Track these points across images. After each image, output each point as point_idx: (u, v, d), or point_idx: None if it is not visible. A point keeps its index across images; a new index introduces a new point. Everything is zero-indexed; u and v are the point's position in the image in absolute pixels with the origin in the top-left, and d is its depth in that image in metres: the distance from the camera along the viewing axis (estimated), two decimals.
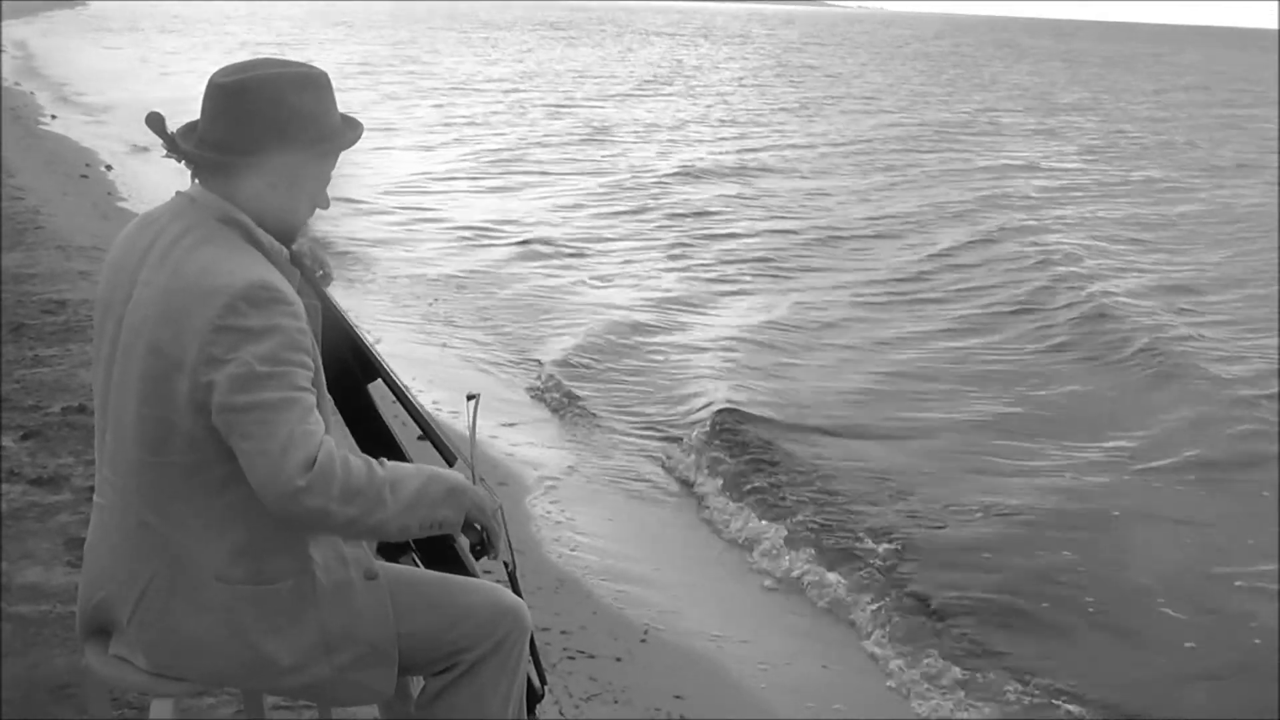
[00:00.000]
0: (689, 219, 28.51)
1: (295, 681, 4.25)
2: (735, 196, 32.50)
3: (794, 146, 44.36)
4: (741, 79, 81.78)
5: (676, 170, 36.61)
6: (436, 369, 15.08)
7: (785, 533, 10.76)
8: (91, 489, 4.28)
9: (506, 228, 26.27)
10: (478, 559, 4.52)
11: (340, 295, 4.93)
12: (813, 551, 10.42)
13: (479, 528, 4.33)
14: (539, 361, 16.08)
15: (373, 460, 4.01)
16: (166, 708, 4.24)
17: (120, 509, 4.08)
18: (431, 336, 16.98)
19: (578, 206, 29.67)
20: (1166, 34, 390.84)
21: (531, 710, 4.89)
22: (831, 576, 9.99)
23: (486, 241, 24.74)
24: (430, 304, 18.96)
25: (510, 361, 16.18)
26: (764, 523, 11.02)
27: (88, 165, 26.64)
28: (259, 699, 5.14)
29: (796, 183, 35.07)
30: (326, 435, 3.89)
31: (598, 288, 21.58)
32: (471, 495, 4.24)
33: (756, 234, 26.99)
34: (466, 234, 25.50)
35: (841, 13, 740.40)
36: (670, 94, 66.80)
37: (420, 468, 4.22)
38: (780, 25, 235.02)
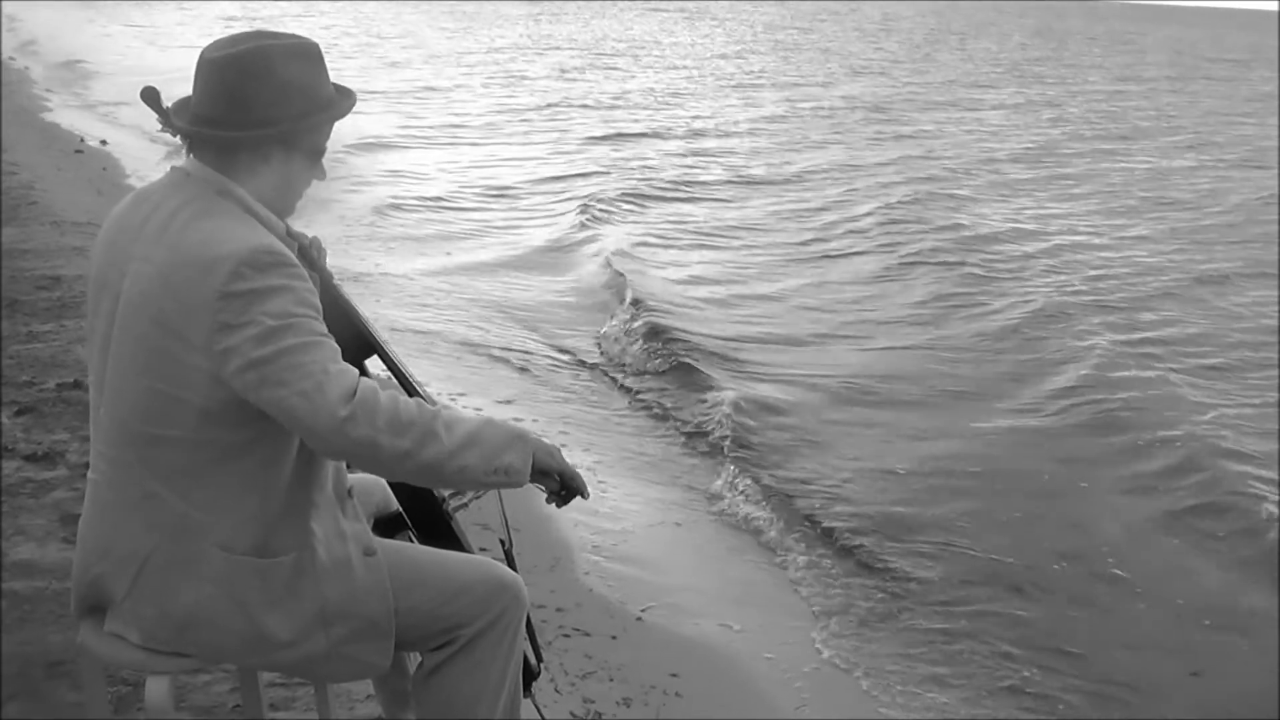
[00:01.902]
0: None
1: (292, 656, 4.25)
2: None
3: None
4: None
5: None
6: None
7: (784, 519, 10.83)
8: (87, 465, 4.27)
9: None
10: (560, 506, 4.45)
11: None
12: (807, 538, 10.48)
13: (556, 475, 4.29)
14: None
15: (418, 400, 4.03)
16: (162, 685, 4.21)
17: (119, 483, 4.07)
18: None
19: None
20: (1158, 14, 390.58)
21: (528, 687, 4.90)
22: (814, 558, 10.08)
23: None
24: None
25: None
26: (763, 508, 11.08)
27: (82, 141, 26.62)
28: (255, 676, 5.15)
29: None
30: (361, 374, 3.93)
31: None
32: (535, 441, 4.21)
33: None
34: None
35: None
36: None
37: (485, 417, 4.23)
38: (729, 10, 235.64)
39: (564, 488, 4.34)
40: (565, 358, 15.55)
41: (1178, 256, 23.78)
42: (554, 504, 4.44)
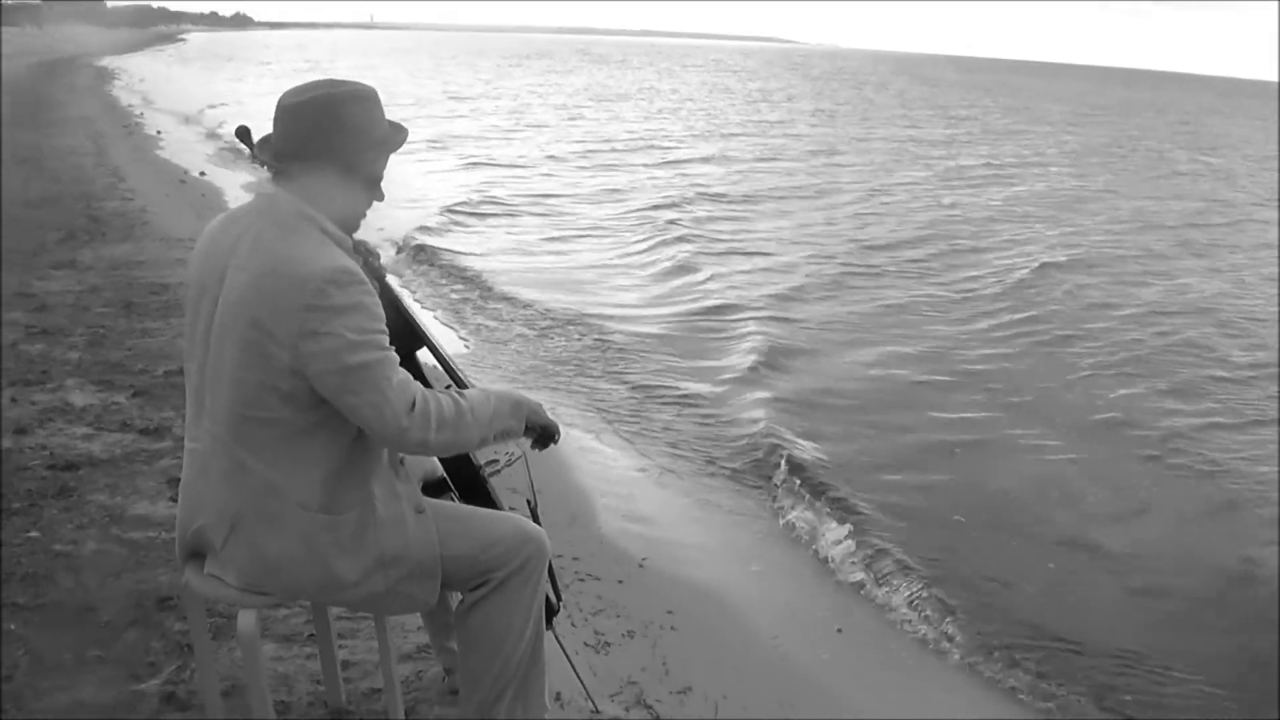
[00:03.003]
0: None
1: (357, 594, 4.35)
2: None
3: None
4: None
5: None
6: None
7: (782, 478, 10.87)
8: None
9: None
10: (542, 449, 4.67)
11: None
12: (794, 496, 10.53)
13: (538, 427, 4.57)
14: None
15: (453, 393, 4.22)
16: (251, 617, 4.30)
17: (216, 453, 4.15)
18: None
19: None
20: (1092, 74, 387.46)
21: (549, 621, 4.95)
22: (809, 516, 10.11)
23: None
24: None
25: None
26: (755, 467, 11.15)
27: (185, 173, 26.67)
28: (325, 611, 5.22)
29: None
30: (415, 381, 4.10)
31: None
32: (528, 405, 4.50)
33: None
34: None
35: (798, 49, 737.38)
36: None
37: (485, 391, 4.41)
38: (741, 57, 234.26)
39: (543, 435, 4.61)
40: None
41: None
42: (536, 448, 4.69)
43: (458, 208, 27.40)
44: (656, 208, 29.41)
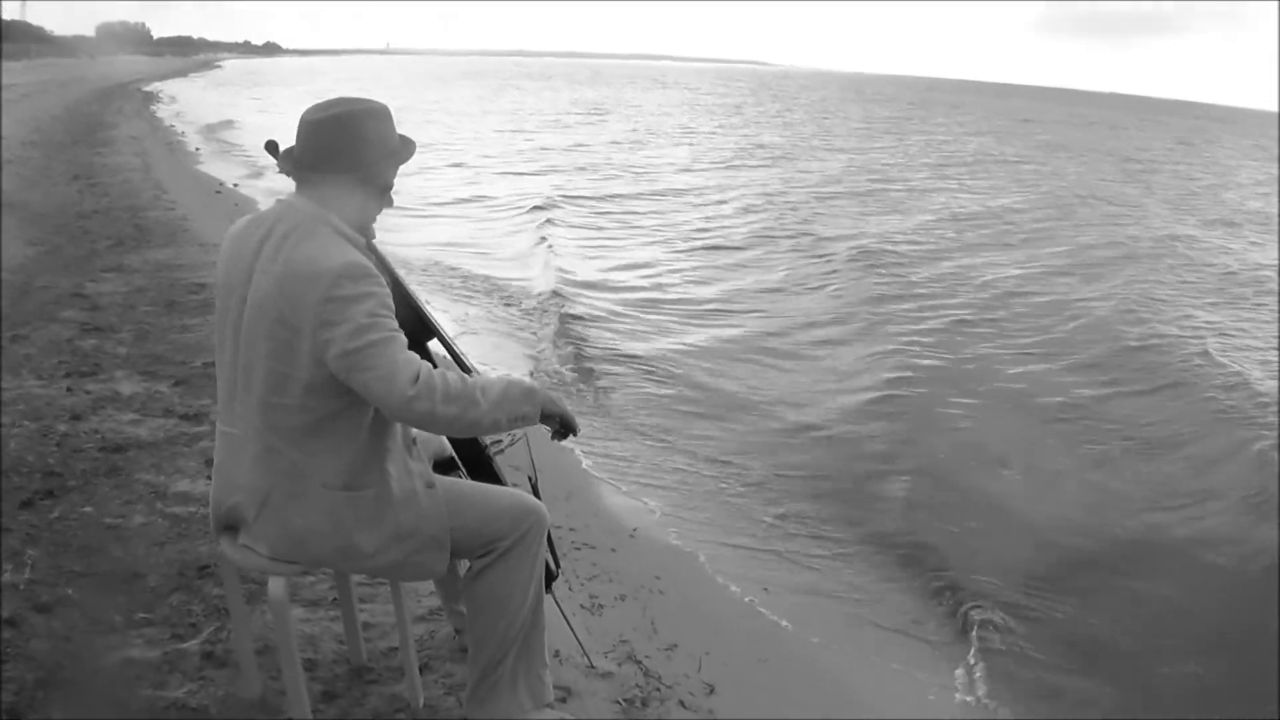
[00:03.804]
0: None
1: (375, 563, 4.37)
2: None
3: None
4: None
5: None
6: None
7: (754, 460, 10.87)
8: None
9: None
10: (561, 440, 4.63)
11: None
12: (764, 472, 10.53)
13: (557, 417, 4.47)
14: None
15: (464, 373, 4.23)
16: (280, 584, 4.31)
17: (249, 438, 4.18)
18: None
19: None
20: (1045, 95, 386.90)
21: (549, 586, 4.95)
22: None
23: None
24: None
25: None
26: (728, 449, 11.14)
27: (220, 184, 26.76)
28: (347, 577, 5.23)
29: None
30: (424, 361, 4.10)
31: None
32: (543, 393, 4.41)
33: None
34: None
35: (774, 71, 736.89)
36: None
37: (501, 376, 4.40)
38: (721, 80, 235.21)
39: (563, 426, 4.52)
40: None
41: None
42: (556, 439, 4.63)
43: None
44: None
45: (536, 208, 29.22)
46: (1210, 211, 39.16)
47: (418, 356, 4.09)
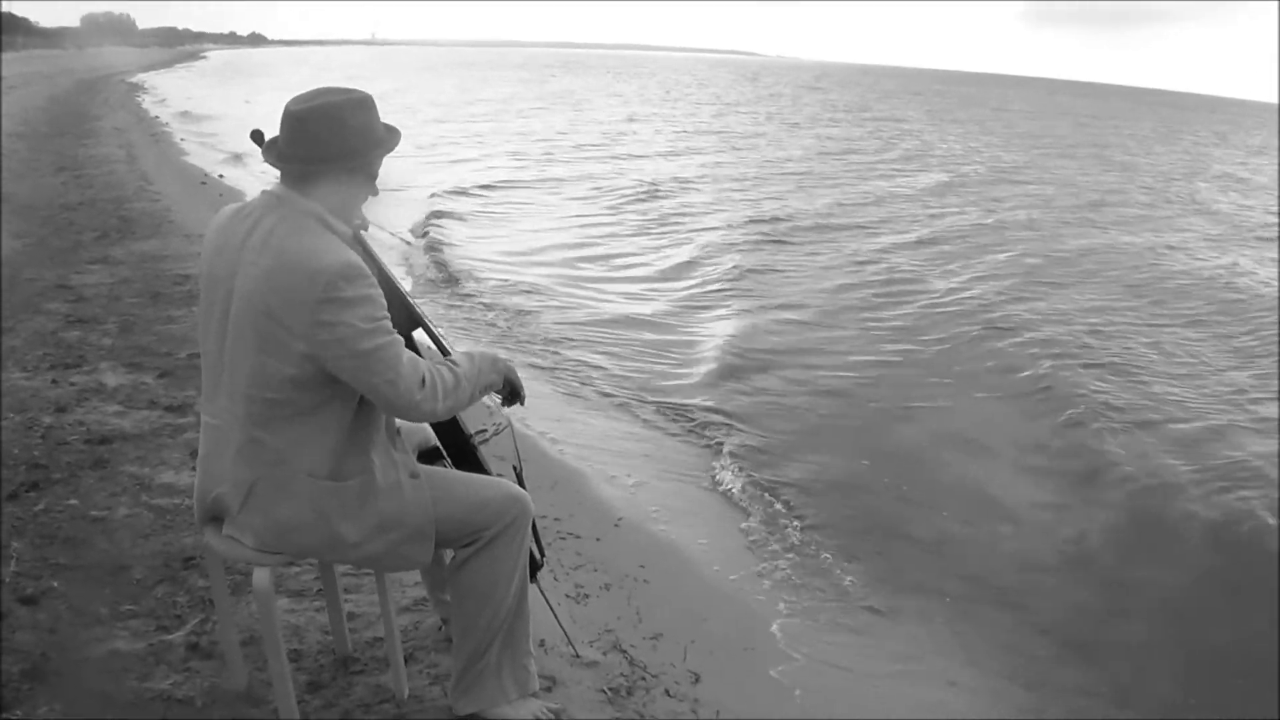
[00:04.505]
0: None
1: (359, 554, 4.37)
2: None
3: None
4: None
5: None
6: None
7: (728, 451, 10.86)
8: None
9: None
10: (508, 406, 4.76)
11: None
12: (738, 468, 10.55)
13: (509, 385, 4.66)
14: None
15: (448, 363, 4.34)
16: (265, 575, 4.32)
17: (234, 429, 4.17)
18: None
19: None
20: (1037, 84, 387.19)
21: (534, 575, 4.96)
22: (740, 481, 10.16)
23: None
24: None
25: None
26: (708, 442, 11.14)
27: (205, 175, 26.76)
28: (331, 568, 5.24)
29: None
30: (420, 358, 4.21)
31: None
32: (504, 362, 4.61)
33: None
34: None
35: (761, 61, 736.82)
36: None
37: (468, 354, 4.51)
38: (708, 69, 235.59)
39: (512, 392, 4.71)
40: None
41: None
42: (504, 405, 4.78)
43: None
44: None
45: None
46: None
47: (417, 357, 4.17)
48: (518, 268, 20.25)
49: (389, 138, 4.35)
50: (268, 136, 4.30)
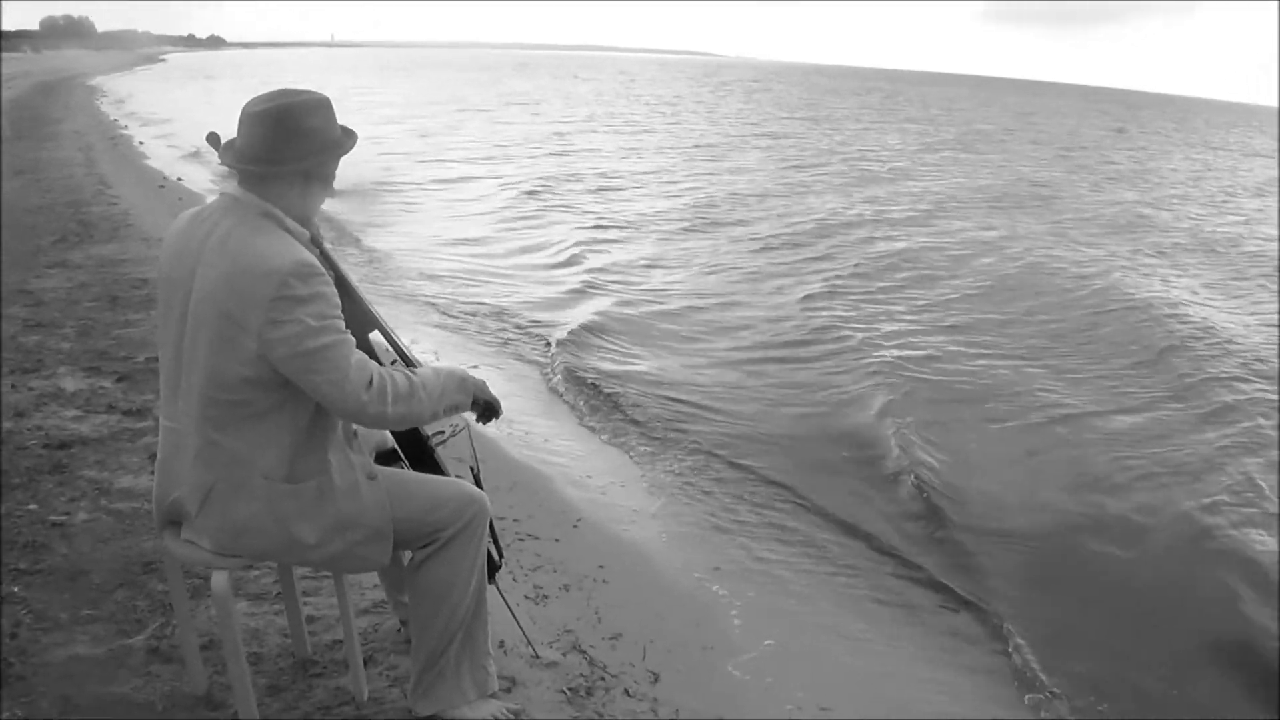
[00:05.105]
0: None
1: (318, 556, 4.39)
2: None
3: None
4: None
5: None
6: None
7: (680, 454, 10.87)
8: None
9: None
10: (484, 423, 4.75)
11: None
12: (687, 461, 10.60)
13: (483, 403, 4.62)
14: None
15: (406, 371, 4.29)
16: (223, 578, 4.34)
17: (191, 432, 4.18)
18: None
19: None
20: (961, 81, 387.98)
21: (492, 577, 4.98)
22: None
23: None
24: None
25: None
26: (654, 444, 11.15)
27: (164, 178, 26.62)
28: (290, 570, 5.26)
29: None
30: (370, 360, 4.17)
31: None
32: (473, 381, 4.55)
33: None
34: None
35: (719, 61, 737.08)
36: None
37: (435, 368, 4.49)
38: (659, 69, 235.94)
39: (487, 410, 4.68)
40: None
41: None
42: (481, 422, 4.76)
43: None
44: None
45: None
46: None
47: (368, 358, 4.15)
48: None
49: (346, 140, 4.37)
50: (224, 138, 4.31)
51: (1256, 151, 78.47)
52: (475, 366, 12.68)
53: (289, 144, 4.17)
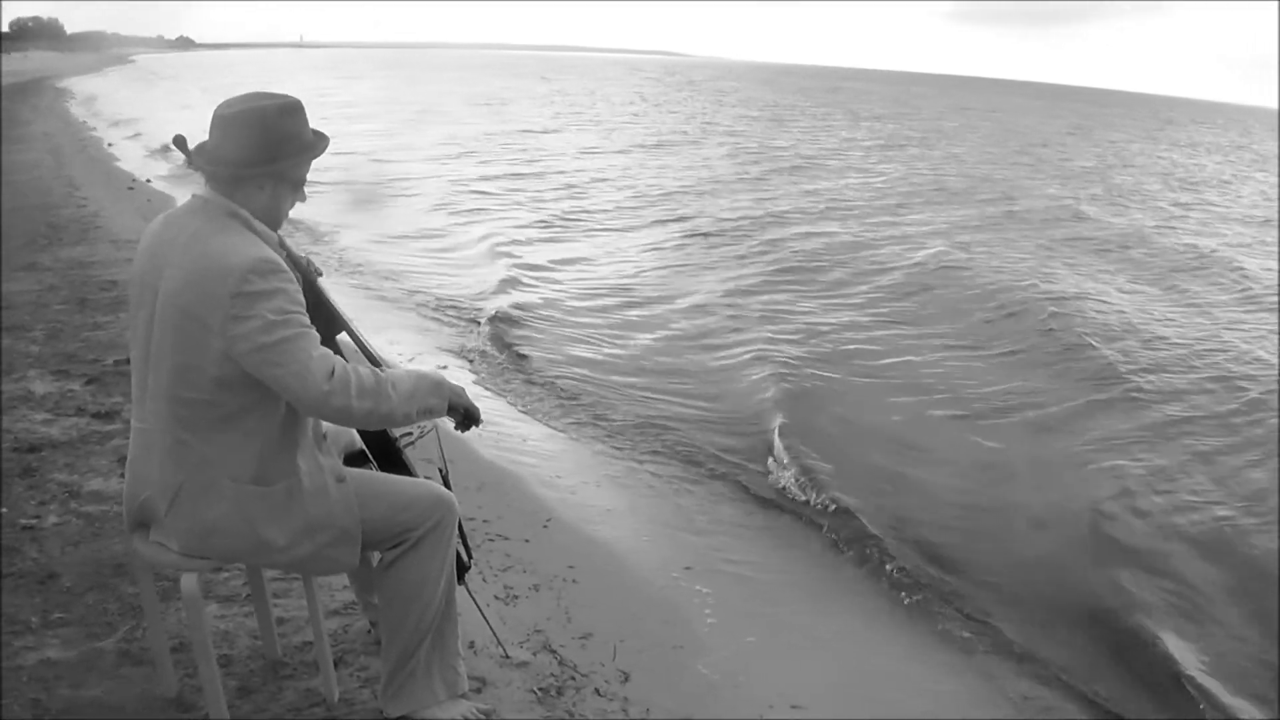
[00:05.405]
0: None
1: (287, 558, 4.40)
2: None
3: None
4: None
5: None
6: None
7: (651, 453, 10.89)
8: None
9: None
10: (464, 430, 4.64)
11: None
12: (657, 461, 10.65)
13: (461, 409, 4.53)
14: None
15: (374, 369, 4.23)
16: (193, 580, 4.33)
17: (160, 431, 4.19)
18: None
19: None
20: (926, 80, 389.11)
21: (461, 577, 4.99)
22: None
23: None
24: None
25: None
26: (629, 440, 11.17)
27: (133, 180, 26.56)
28: (259, 572, 5.25)
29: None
30: (336, 355, 4.13)
31: None
32: (450, 387, 4.46)
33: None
34: None
35: (687, 61, 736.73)
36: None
37: (410, 370, 4.44)
38: (627, 70, 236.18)
39: (466, 417, 4.56)
40: None
41: None
42: (460, 430, 4.65)
43: None
44: None
45: None
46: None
47: (331, 352, 4.12)
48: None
49: (317, 143, 4.38)
50: (192, 141, 4.30)
51: (1217, 147, 79.46)
52: (444, 367, 12.68)
53: (260, 147, 4.18)
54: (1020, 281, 20.88)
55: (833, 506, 9.65)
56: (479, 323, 15.55)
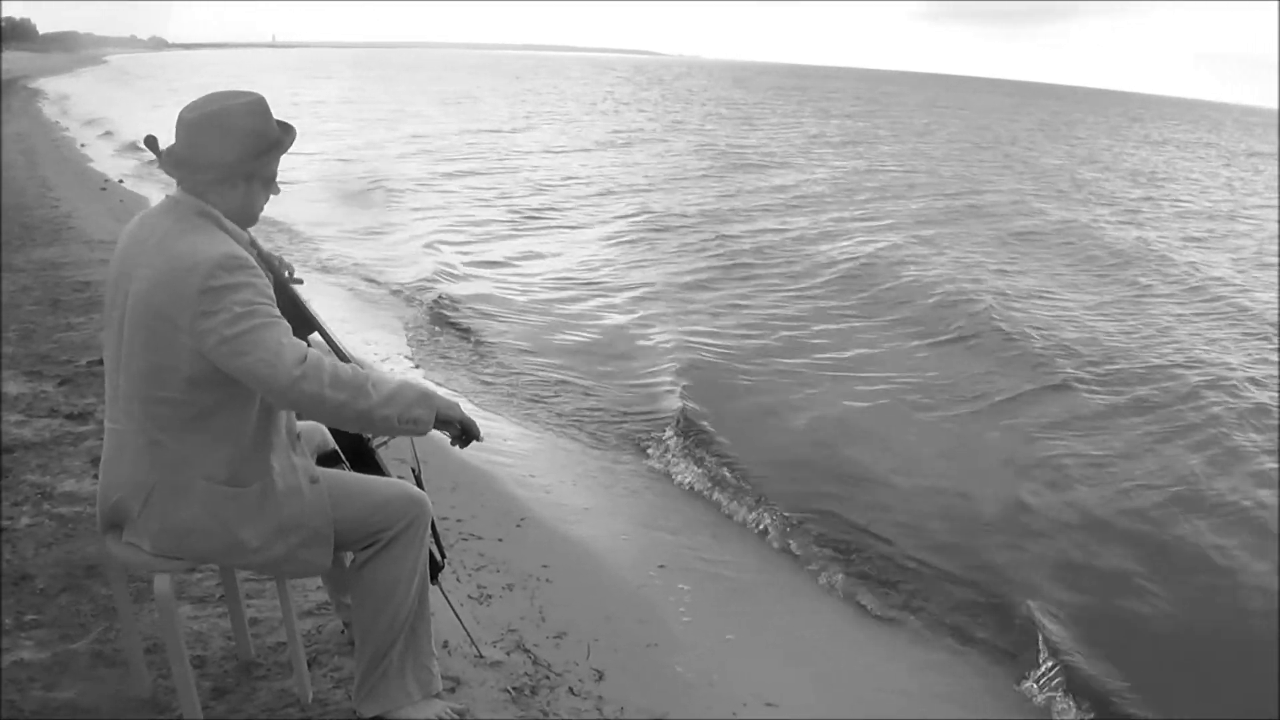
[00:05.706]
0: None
1: (260, 559, 4.39)
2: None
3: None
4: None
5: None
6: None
7: (627, 453, 10.90)
8: None
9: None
10: (463, 447, 4.53)
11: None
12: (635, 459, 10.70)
13: (456, 423, 4.42)
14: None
15: (353, 365, 4.19)
16: (166, 581, 4.32)
17: (133, 432, 4.18)
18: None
19: None
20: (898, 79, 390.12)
21: (434, 577, 4.99)
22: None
23: None
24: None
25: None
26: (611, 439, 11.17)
27: (106, 180, 26.52)
28: (233, 573, 5.25)
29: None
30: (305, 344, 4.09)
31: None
32: (439, 399, 4.34)
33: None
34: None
35: (662, 60, 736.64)
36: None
37: (400, 380, 4.34)
38: (600, 70, 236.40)
39: (463, 432, 4.46)
40: None
41: None
42: (456, 445, 4.54)
43: None
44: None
45: None
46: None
47: (302, 341, 4.09)
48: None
49: (284, 137, 4.36)
50: (161, 141, 4.29)
51: (1187, 143, 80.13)
52: (440, 384, 12.69)
53: (226, 148, 4.17)
54: (967, 273, 21.13)
55: (803, 507, 9.67)
56: (422, 303, 15.71)
